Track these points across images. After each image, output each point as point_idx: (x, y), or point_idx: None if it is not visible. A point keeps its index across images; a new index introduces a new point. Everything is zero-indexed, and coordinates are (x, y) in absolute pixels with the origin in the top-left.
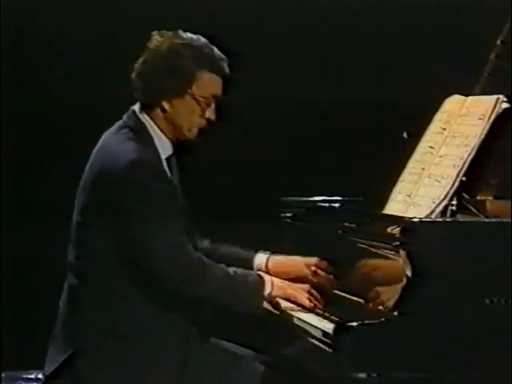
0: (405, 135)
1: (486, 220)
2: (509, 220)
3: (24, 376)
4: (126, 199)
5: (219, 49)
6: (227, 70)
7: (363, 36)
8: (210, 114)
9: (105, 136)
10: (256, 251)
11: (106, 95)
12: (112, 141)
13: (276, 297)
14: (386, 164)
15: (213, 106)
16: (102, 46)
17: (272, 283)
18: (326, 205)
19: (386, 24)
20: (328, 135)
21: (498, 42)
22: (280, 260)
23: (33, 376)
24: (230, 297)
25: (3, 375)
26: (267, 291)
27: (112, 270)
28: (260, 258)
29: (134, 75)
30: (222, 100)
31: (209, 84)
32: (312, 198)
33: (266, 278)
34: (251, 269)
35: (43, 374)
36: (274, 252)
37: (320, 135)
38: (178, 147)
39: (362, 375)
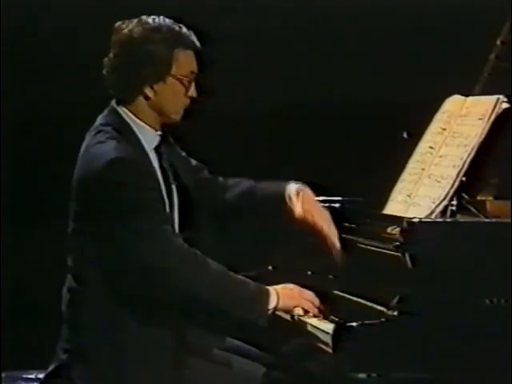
0: (405, 135)
1: (486, 220)
2: (509, 220)
3: (24, 376)
4: (109, 200)
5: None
6: (198, 43)
7: (363, 36)
8: (192, 91)
9: (87, 138)
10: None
11: (106, 95)
12: (93, 142)
13: (284, 308)
14: (386, 164)
15: (193, 83)
16: (102, 45)
17: (278, 295)
18: (326, 205)
19: (387, 24)
20: (328, 135)
21: (498, 42)
22: (311, 196)
23: (33, 376)
24: (229, 297)
25: (3, 375)
26: (272, 304)
27: (106, 273)
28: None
29: (106, 72)
30: (223, 100)
31: (186, 61)
32: None
33: (272, 290)
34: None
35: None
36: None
37: (320, 135)
38: (166, 135)
39: (362, 375)
